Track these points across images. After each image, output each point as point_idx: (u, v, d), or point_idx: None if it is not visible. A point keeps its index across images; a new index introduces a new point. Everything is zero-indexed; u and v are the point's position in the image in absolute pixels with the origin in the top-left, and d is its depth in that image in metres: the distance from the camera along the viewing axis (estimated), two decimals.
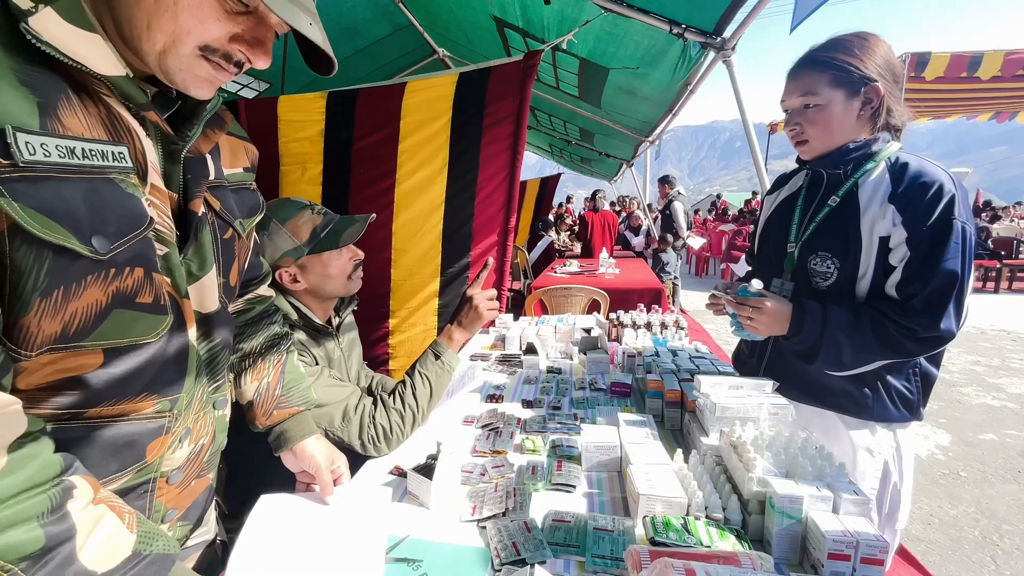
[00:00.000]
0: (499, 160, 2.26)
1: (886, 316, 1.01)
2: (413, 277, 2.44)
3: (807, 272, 1.14)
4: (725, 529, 0.81)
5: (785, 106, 1.15)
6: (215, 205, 0.71)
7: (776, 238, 1.26)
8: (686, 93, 3.07)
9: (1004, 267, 8.29)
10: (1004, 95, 7.24)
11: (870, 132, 1.09)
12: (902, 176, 1.03)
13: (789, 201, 1.26)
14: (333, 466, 0.92)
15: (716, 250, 10.70)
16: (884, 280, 1.05)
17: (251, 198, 0.83)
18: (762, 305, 1.10)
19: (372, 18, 3.48)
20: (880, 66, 1.05)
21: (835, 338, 1.04)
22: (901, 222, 1.00)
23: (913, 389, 1.09)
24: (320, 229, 1.25)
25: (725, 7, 1.82)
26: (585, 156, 8.63)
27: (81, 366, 0.53)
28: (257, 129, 2.44)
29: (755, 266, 1.41)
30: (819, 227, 1.14)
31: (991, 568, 1.98)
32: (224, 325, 0.75)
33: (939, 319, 0.96)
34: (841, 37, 1.09)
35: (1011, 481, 2.61)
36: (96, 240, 0.49)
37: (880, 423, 1.10)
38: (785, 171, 1.37)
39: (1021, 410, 3.52)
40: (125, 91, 0.54)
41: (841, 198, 1.11)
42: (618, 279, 4.21)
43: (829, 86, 1.06)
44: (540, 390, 1.57)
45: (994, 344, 5.15)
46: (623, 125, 4.73)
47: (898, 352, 1.02)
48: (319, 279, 1.26)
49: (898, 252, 1.02)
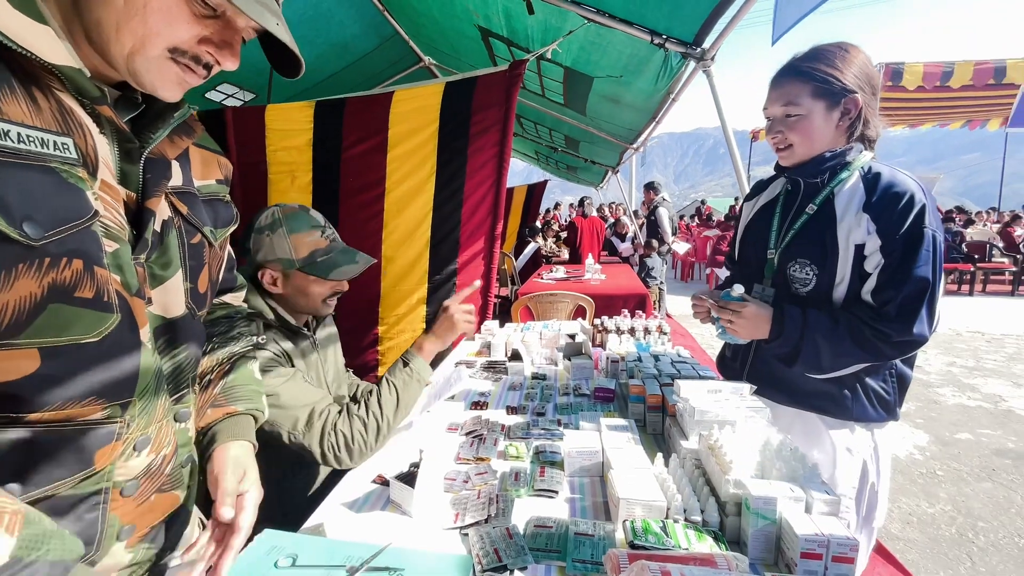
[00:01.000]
0: (486, 168, 2.29)
1: (862, 321, 1.04)
2: (401, 284, 2.45)
3: (787, 278, 1.18)
4: (703, 531, 0.82)
5: (767, 114, 1.17)
6: (182, 210, 0.69)
7: (756, 244, 1.29)
8: (668, 101, 3.13)
9: (978, 270, 8.54)
10: (975, 103, 7.50)
11: (846, 142, 1.13)
12: (875, 186, 1.07)
13: (768, 208, 1.29)
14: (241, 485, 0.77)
15: (701, 255, 10.84)
16: (861, 286, 1.09)
17: (225, 210, 0.82)
18: (743, 309, 1.13)
19: (360, 32, 3.51)
20: (859, 77, 1.09)
21: (814, 342, 1.07)
22: (875, 230, 1.04)
23: (890, 390, 1.13)
24: (319, 255, 1.25)
25: (704, 19, 1.87)
26: (571, 163, 8.71)
27: (16, 368, 0.50)
28: (245, 137, 2.45)
29: (736, 271, 1.44)
30: (797, 235, 1.17)
31: (967, 565, 2.03)
32: (192, 334, 0.73)
33: (912, 324, 1.00)
34: (823, 47, 1.12)
35: (986, 479, 2.68)
36: (28, 226, 0.47)
37: (859, 423, 1.13)
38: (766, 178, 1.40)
39: (995, 409, 3.62)
40: (78, 84, 0.53)
41: (819, 206, 1.15)
42: (604, 285, 4.25)
43: (811, 97, 1.09)
44: (524, 396, 1.58)
45: (969, 345, 5.29)
46: (608, 132, 4.79)
47: (874, 355, 1.05)
48: (294, 293, 1.26)
49: (873, 259, 1.05)
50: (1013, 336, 5.65)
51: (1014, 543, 2.15)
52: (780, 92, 1.13)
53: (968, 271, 8.48)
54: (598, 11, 2.11)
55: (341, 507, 0.98)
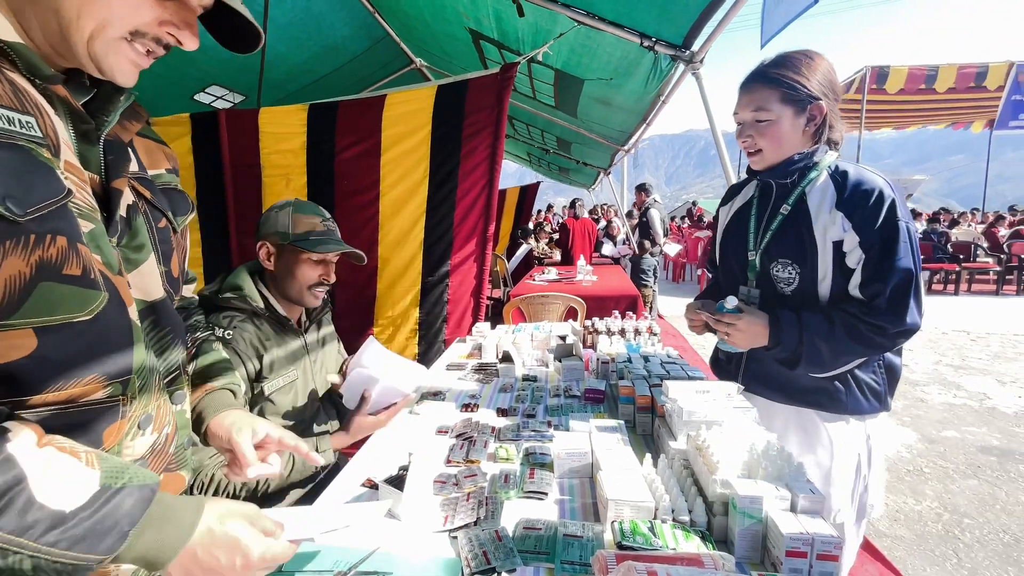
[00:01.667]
0: (478, 170, 2.31)
1: (856, 318, 1.06)
2: (396, 286, 2.48)
3: (771, 278, 1.20)
4: (691, 531, 0.83)
5: (738, 119, 1.20)
6: (145, 194, 0.70)
7: (736, 247, 1.31)
8: (659, 103, 3.15)
9: (963, 270, 8.68)
10: (958, 106, 7.64)
11: (812, 145, 1.17)
12: (845, 183, 1.10)
13: (744, 211, 1.32)
14: (257, 437, 0.80)
15: (692, 256, 10.91)
16: (843, 281, 1.11)
17: (180, 198, 0.82)
18: (738, 321, 1.15)
19: (351, 34, 3.51)
20: (823, 84, 1.13)
21: (814, 345, 1.09)
22: (851, 227, 1.07)
23: (880, 381, 1.16)
24: (313, 235, 1.33)
25: (692, 22, 1.89)
26: (563, 165, 8.73)
27: (14, 348, 0.50)
28: (238, 140, 2.47)
29: (718, 275, 1.45)
30: (775, 235, 1.19)
31: (953, 561, 2.06)
32: (173, 317, 0.73)
33: (904, 314, 1.03)
34: (789, 55, 1.15)
35: (971, 476, 2.72)
36: (10, 202, 0.47)
37: (853, 416, 1.16)
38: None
39: (980, 407, 3.68)
40: (29, 62, 0.53)
41: (792, 206, 1.17)
42: (595, 286, 4.26)
43: (779, 102, 1.12)
44: (515, 398, 1.58)
45: (954, 344, 5.37)
46: (599, 134, 4.81)
47: (873, 349, 1.08)
48: (284, 273, 1.33)
49: (853, 255, 1.08)
50: (997, 335, 5.74)
51: (998, 539, 2.18)
52: (750, 97, 1.16)
53: (953, 271, 8.61)
54: (588, 13, 2.12)
55: None
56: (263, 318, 1.29)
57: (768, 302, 1.21)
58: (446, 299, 2.43)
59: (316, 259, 1.33)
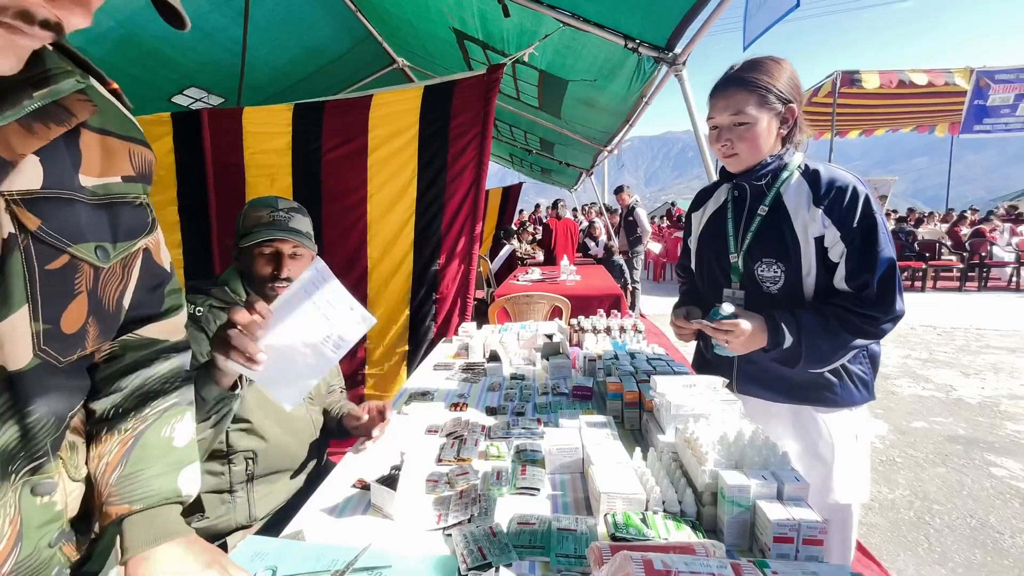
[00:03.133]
0: (466, 171, 2.32)
1: (848, 311, 1.10)
2: (388, 286, 2.48)
3: (755, 279, 1.22)
4: (681, 521, 0.85)
5: (715, 122, 1.21)
6: (29, 225, 0.51)
7: (716, 251, 1.32)
8: (641, 105, 3.20)
9: (929, 268, 9.02)
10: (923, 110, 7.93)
11: (783, 147, 1.20)
12: (818, 181, 1.14)
13: (719, 215, 1.34)
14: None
15: (672, 256, 11.08)
16: (827, 275, 1.15)
17: (132, 215, 0.63)
18: (736, 327, 1.14)
19: (333, 34, 3.48)
20: (791, 88, 1.16)
21: (812, 343, 1.12)
22: (832, 223, 1.11)
23: (867, 370, 1.21)
24: (256, 226, 1.25)
25: (676, 24, 1.93)
26: (545, 166, 8.78)
27: None
28: (221, 139, 2.44)
29: (694, 279, 1.46)
30: (756, 235, 1.22)
31: (924, 546, 2.14)
32: (50, 389, 0.57)
33: (893, 303, 1.08)
34: (759, 60, 1.18)
35: (940, 464, 2.84)
36: None
37: (847, 407, 1.20)
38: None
39: (946, 398, 3.83)
40: None
41: (769, 206, 1.20)
42: (579, 285, 4.30)
43: (756, 106, 1.14)
44: (504, 397, 1.59)
45: (922, 339, 5.58)
46: (582, 135, 4.86)
47: (866, 337, 1.11)
48: (246, 272, 1.30)
49: (836, 250, 1.12)
50: (961, 329, 5.99)
51: (966, 523, 2.28)
52: (728, 102, 1.17)
53: (920, 268, 8.94)
54: (573, 15, 2.14)
55: (321, 513, 0.97)
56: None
57: (754, 303, 1.22)
58: (435, 299, 2.43)
59: (267, 252, 1.26)
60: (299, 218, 1.32)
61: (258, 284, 1.29)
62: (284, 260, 1.27)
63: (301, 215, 1.33)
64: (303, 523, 0.92)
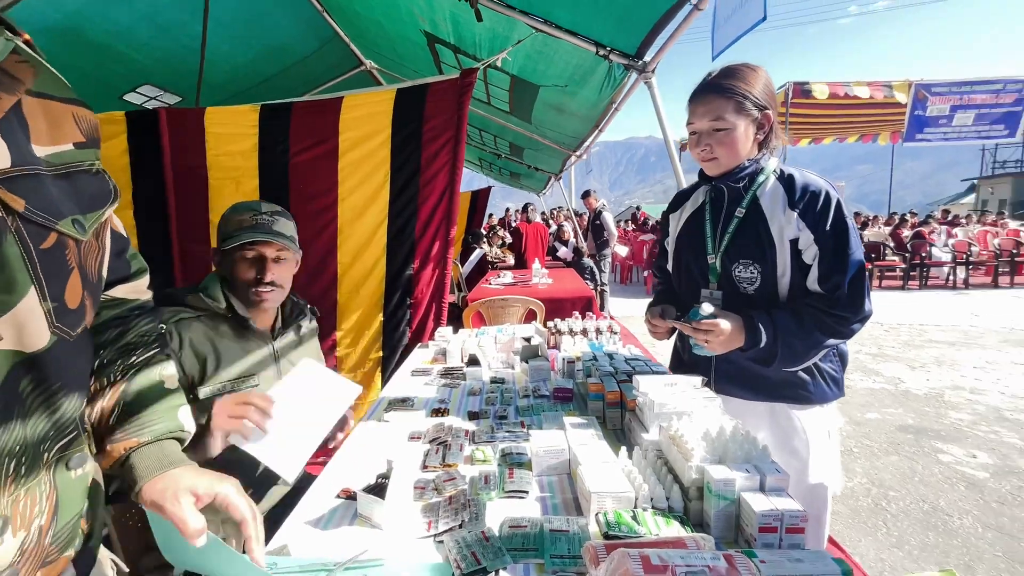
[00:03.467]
0: (440, 175, 2.31)
1: (821, 311, 1.15)
2: (360, 290, 2.42)
3: (733, 280, 1.26)
4: (670, 517, 0.87)
5: (694, 128, 1.25)
6: (15, 206, 0.49)
7: (693, 252, 1.36)
8: (611, 110, 3.27)
9: (874, 267, 9.60)
10: (868, 120, 8.45)
11: (759, 152, 1.25)
12: (792, 185, 1.19)
13: (697, 216, 1.37)
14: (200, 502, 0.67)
15: (638, 258, 11.34)
16: (800, 276, 1.20)
17: (93, 184, 0.61)
18: (715, 327, 1.17)
19: (298, 34, 3.39)
20: (766, 94, 1.21)
21: (787, 342, 1.16)
22: (806, 226, 1.16)
23: (837, 368, 1.26)
24: (237, 230, 1.24)
25: (646, 33, 1.99)
26: (514, 170, 8.82)
27: None
28: (181, 140, 2.34)
29: (670, 279, 1.50)
30: (734, 237, 1.26)
31: (883, 531, 2.27)
32: (67, 363, 0.58)
33: (863, 303, 1.14)
34: (736, 67, 1.22)
35: (892, 453, 3.01)
36: None
37: (820, 404, 1.25)
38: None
39: (895, 390, 4.08)
40: None
41: (747, 208, 1.25)
42: (551, 288, 4.34)
43: (734, 113, 1.18)
44: (485, 401, 1.58)
45: (871, 335, 5.93)
46: (552, 140, 4.91)
47: (838, 337, 1.16)
48: (228, 276, 1.27)
49: (809, 252, 1.17)
50: (906, 325, 6.39)
51: (919, 508, 2.43)
52: (707, 108, 1.20)
53: (867, 269, 9.49)
54: (546, 21, 2.17)
55: (305, 526, 0.93)
56: (224, 319, 1.25)
57: (731, 302, 1.26)
58: (409, 303, 2.40)
59: (249, 256, 1.24)
60: (283, 221, 1.30)
61: (241, 289, 1.26)
62: (268, 264, 1.26)
63: (285, 219, 1.32)
64: (287, 537, 0.89)
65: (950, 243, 9.97)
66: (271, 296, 1.28)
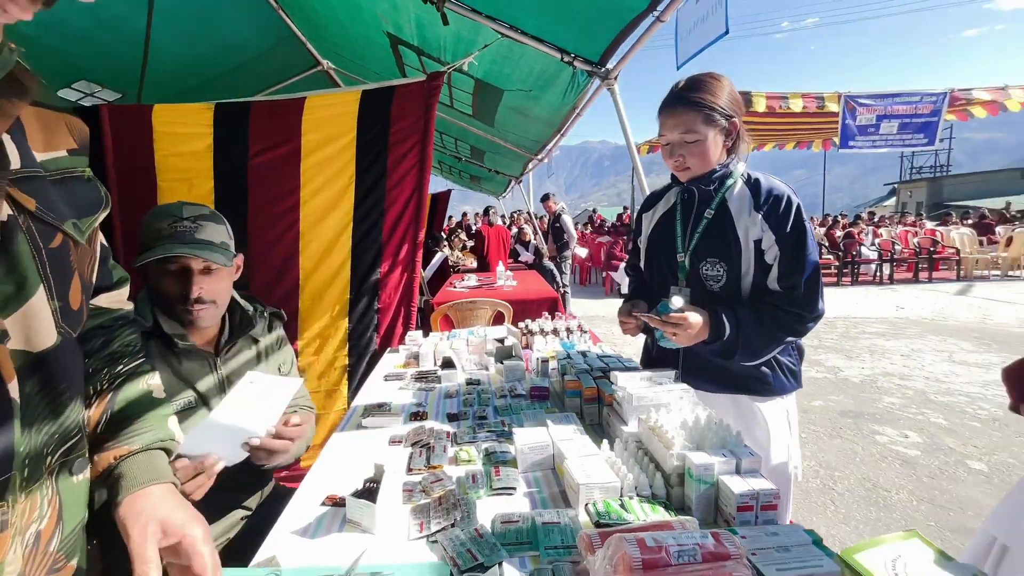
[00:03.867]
0: (407, 178, 2.28)
1: (779, 308, 1.23)
2: (323, 297, 2.33)
3: (700, 277, 1.34)
4: (655, 503, 0.91)
5: (666, 140, 1.32)
6: (27, 204, 0.51)
7: (665, 250, 1.43)
8: (574, 115, 3.35)
9: None
10: (803, 128, 9.07)
11: (727, 156, 1.34)
12: (758, 190, 1.28)
13: (668, 216, 1.45)
14: (167, 539, 0.63)
15: (596, 260, 11.61)
16: (762, 276, 1.28)
17: (86, 190, 0.63)
18: (684, 321, 1.23)
19: (251, 31, 3.25)
20: (732, 102, 1.29)
21: (747, 338, 1.24)
22: (769, 228, 1.24)
23: (796, 361, 1.36)
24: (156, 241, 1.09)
25: (609, 41, 2.06)
26: (475, 173, 8.83)
27: None
28: (125, 140, 2.18)
29: (643, 276, 1.56)
30: (702, 237, 1.34)
31: (831, 509, 2.44)
32: (71, 364, 0.58)
33: (817, 302, 1.23)
34: (701, 78, 1.28)
35: (836, 436, 3.25)
36: None
37: (779, 395, 1.33)
38: (655, 188, 1.57)
39: (835, 379, 4.40)
40: None
41: (715, 210, 1.33)
42: (516, 290, 4.38)
43: (703, 124, 1.26)
44: (463, 402, 1.59)
45: None
46: (514, 143, 4.96)
47: (793, 334, 1.25)
48: (154, 291, 1.14)
49: (771, 252, 1.26)
50: (842, 318, 6.90)
51: (862, 486, 2.64)
52: (677, 120, 1.27)
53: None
54: (512, 27, 2.21)
55: (292, 535, 0.91)
56: (151, 337, 1.13)
57: (698, 299, 1.33)
58: (376, 308, 2.36)
59: (173, 270, 1.11)
60: (210, 227, 1.16)
61: (167, 306, 1.14)
62: (193, 277, 1.12)
63: (214, 223, 1.17)
64: (274, 548, 0.86)
65: (876, 242, 10.85)
66: (203, 314, 1.15)
